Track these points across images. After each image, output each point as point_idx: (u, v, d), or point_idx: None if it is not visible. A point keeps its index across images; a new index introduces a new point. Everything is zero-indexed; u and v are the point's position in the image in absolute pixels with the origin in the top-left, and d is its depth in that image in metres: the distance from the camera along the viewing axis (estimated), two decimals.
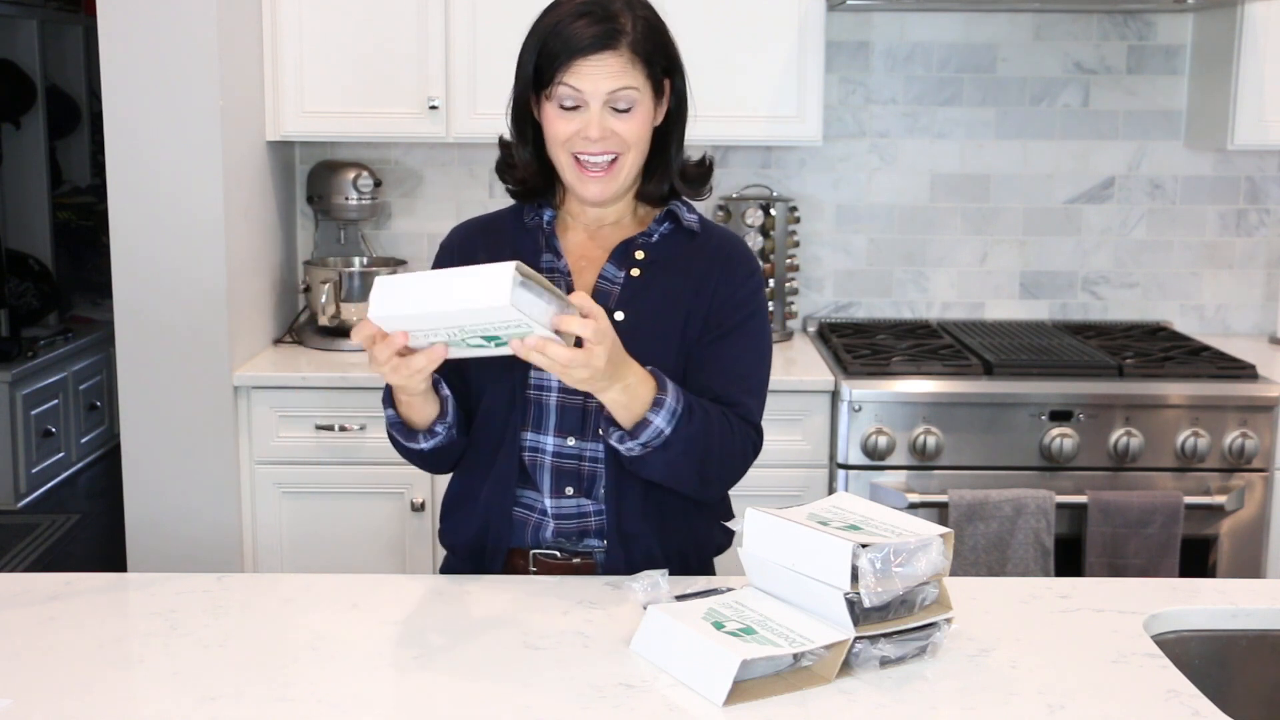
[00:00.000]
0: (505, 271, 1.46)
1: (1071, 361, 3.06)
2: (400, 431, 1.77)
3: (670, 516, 1.83)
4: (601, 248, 1.85)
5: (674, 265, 1.83)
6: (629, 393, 1.64)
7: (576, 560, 1.82)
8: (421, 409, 1.72)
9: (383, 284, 1.53)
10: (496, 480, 1.81)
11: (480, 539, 1.83)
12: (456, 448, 1.81)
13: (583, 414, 1.78)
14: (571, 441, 1.79)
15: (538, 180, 1.84)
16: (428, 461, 1.82)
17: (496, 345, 1.55)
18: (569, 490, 1.80)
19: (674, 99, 1.82)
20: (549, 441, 1.79)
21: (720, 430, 1.74)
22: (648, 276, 1.82)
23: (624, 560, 1.78)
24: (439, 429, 1.75)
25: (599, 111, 1.73)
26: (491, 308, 1.47)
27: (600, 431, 1.74)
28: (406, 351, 1.58)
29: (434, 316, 1.51)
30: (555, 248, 1.83)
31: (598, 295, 1.80)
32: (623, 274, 1.82)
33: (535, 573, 1.81)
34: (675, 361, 1.79)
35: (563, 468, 1.80)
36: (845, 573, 1.40)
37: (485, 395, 1.81)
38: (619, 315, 1.78)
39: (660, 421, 1.66)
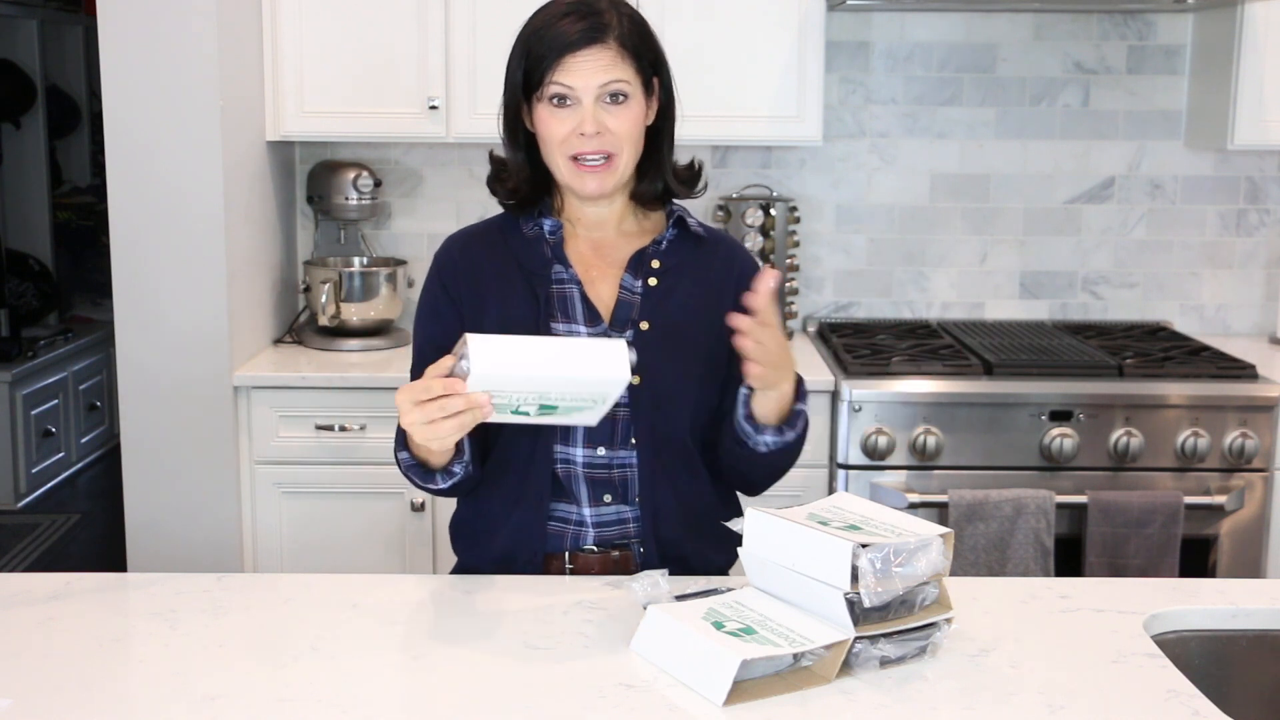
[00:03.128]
0: (622, 350, 1.53)
1: (1071, 361, 3.06)
2: (417, 474, 1.73)
3: (702, 519, 1.84)
4: (606, 259, 1.85)
5: (687, 272, 1.84)
6: (792, 385, 1.73)
7: (615, 553, 1.81)
8: (440, 452, 1.68)
9: (478, 342, 1.50)
10: (530, 496, 1.79)
11: (510, 556, 1.81)
12: (473, 480, 1.78)
13: (612, 424, 1.78)
14: (601, 451, 1.79)
15: (530, 188, 1.84)
16: (444, 494, 1.79)
17: (540, 416, 1.57)
18: (607, 498, 1.80)
19: (663, 97, 1.82)
20: (578, 453, 1.79)
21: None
22: (665, 285, 1.82)
23: (659, 564, 1.77)
24: (456, 469, 1.71)
25: (592, 106, 1.74)
26: (607, 380, 1.53)
27: (745, 436, 1.76)
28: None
29: (535, 382, 1.52)
30: (564, 258, 1.83)
31: (620, 305, 1.80)
32: (640, 283, 1.82)
33: (572, 570, 1.81)
34: (702, 367, 1.80)
35: (595, 477, 1.80)
36: (845, 573, 1.40)
37: None
38: (644, 325, 1.79)
39: (805, 410, 1.76)
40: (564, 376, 1.52)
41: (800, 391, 1.76)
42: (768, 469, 1.83)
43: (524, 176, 1.83)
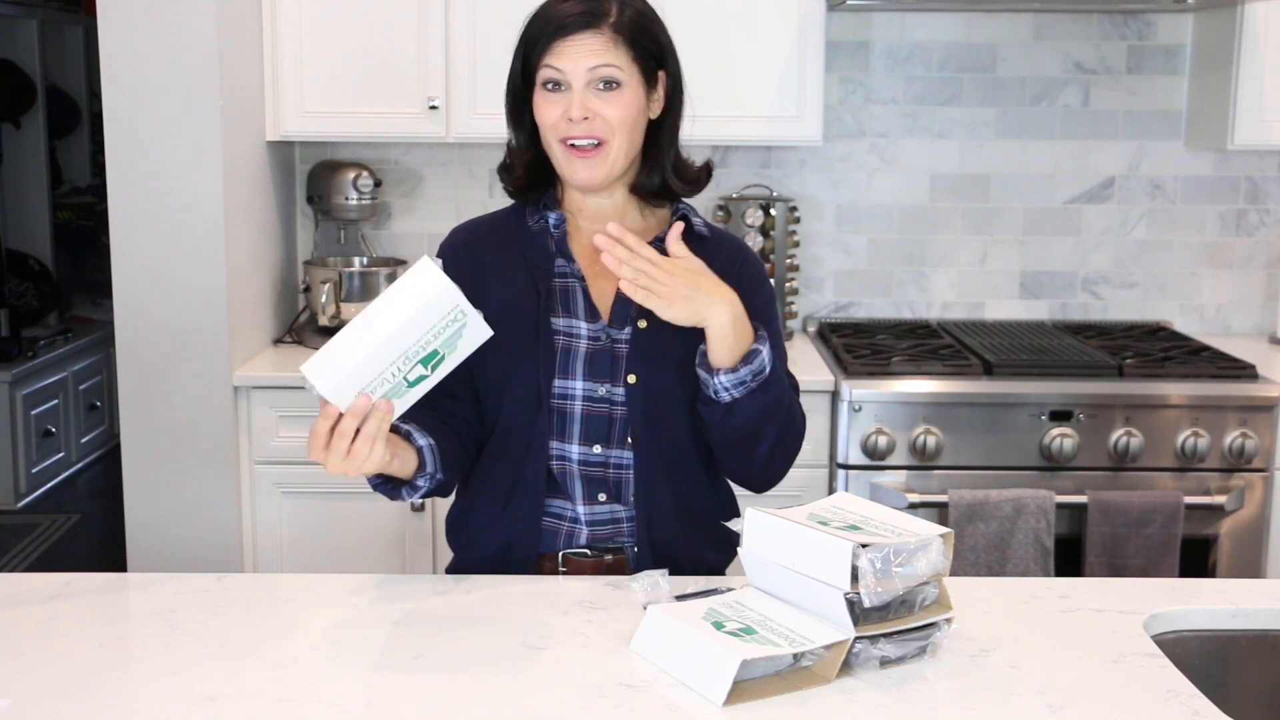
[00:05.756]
0: (424, 264, 1.52)
1: (1071, 361, 3.06)
2: (383, 491, 1.71)
3: (697, 520, 1.84)
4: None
5: None
6: (739, 324, 1.67)
7: (608, 557, 1.81)
8: (401, 467, 1.66)
9: (310, 364, 1.53)
10: (524, 492, 1.79)
11: (505, 551, 1.81)
12: (448, 485, 1.78)
13: (609, 421, 1.78)
14: (598, 449, 1.79)
15: (533, 175, 1.84)
16: (425, 497, 1.77)
17: (435, 368, 1.57)
18: (602, 497, 1.80)
19: (669, 90, 1.81)
20: (574, 450, 1.79)
21: (790, 397, 1.78)
22: None
23: (653, 564, 1.77)
24: (420, 482, 1.69)
25: (581, 91, 1.74)
26: (433, 299, 1.51)
27: (704, 385, 1.72)
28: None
29: (380, 351, 1.52)
30: (567, 252, 1.83)
31: (619, 302, 1.80)
32: None
33: (565, 573, 1.80)
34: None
35: (591, 475, 1.79)
36: (845, 573, 1.40)
37: (505, 407, 1.79)
38: (642, 323, 1.78)
39: (766, 353, 1.70)
40: (399, 327, 1.51)
41: (759, 335, 1.71)
42: (743, 435, 1.75)
43: (525, 162, 1.84)
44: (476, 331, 1.57)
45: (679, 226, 1.69)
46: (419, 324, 1.53)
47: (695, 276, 1.66)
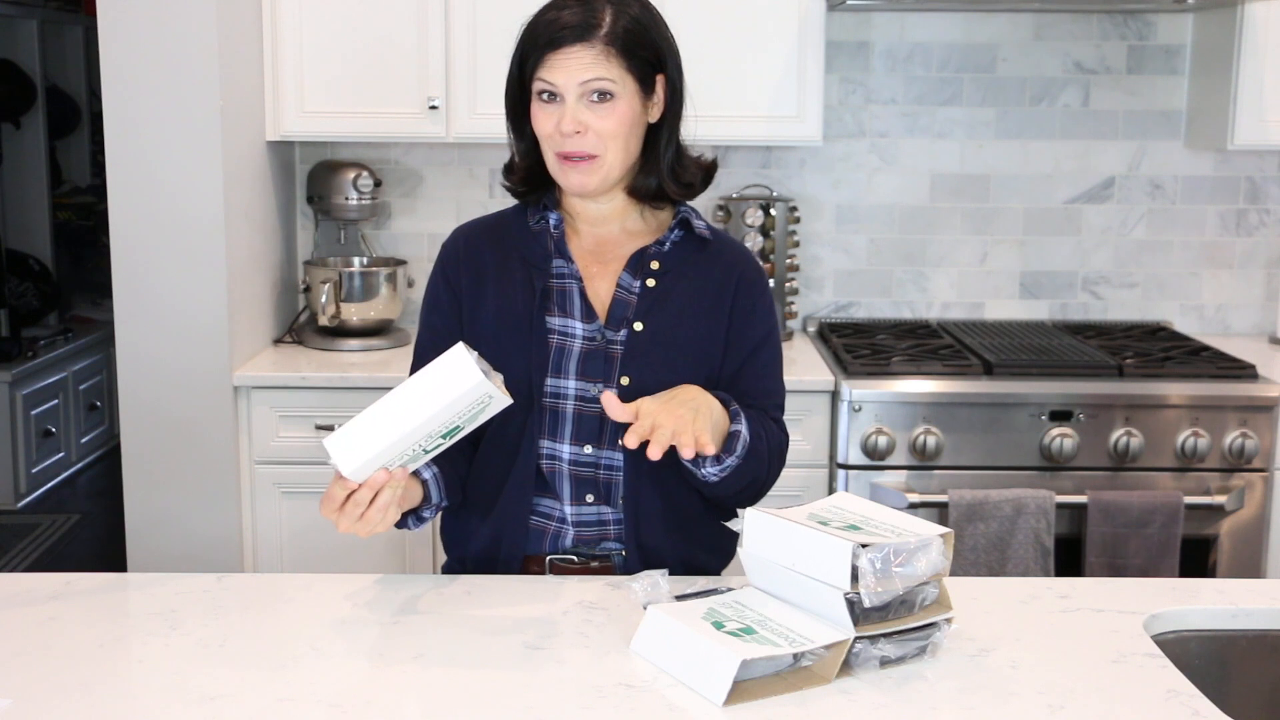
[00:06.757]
0: (461, 356, 1.53)
1: (1071, 361, 3.06)
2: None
3: (687, 524, 1.84)
4: (607, 256, 1.84)
5: (687, 274, 1.83)
6: (715, 414, 1.68)
7: (594, 564, 1.81)
8: (407, 500, 1.68)
9: (335, 441, 1.56)
10: (513, 489, 1.79)
11: (493, 548, 1.81)
12: (455, 506, 1.80)
13: (600, 422, 1.78)
14: (589, 449, 1.79)
15: (532, 177, 1.84)
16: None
17: (451, 438, 1.59)
18: (589, 498, 1.80)
19: (668, 94, 1.81)
20: (565, 450, 1.79)
21: (764, 429, 1.79)
22: (663, 286, 1.81)
23: (641, 568, 1.77)
24: (426, 514, 1.73)
25: (573, 104, 1.74)
26: (465, 392, 1.52)
27: (690, 475, 1.74)
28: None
29: (406, 437, 1.55)
30: (565, 253, 1.83)
31: (615, 305, 1.80)
32: (638, 283, 1.81)
33: None
34: (692, 372, 1.79)
35: (581, 475, 1.79)
36: (845, 573, 1.40)
37: None
38: (638, 326, 1.78)
39: (744, 430, 1.71)
40: (428, 417, 1.54)
41: (733, 412, 1.72)
42: (731, 494, 1.79)
43: (526, 165, 1.84)
44: (498, 404, 1.59)
45: (608, 394, 1.63)
46: (448, 412, 1.55)
47: (674, 400, 1.64)
